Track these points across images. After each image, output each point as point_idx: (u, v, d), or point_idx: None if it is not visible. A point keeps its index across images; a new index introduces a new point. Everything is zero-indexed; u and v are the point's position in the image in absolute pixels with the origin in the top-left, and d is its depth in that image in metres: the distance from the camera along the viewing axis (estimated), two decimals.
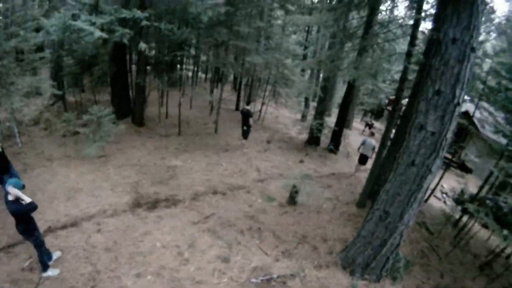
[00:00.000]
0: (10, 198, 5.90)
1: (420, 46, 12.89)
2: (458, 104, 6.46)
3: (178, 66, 22.59)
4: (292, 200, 11.09)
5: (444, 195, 15.63)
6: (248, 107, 15.12)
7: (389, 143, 11.58)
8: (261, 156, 15.12)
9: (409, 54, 10.22)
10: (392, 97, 20.15)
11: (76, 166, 11.26)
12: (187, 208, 9.78)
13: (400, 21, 13.62)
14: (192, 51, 17.77)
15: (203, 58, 23.30)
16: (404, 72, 10.61)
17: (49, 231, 7.70)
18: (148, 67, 16.51)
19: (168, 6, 14.26)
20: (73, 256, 7.14)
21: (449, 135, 6.64)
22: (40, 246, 6.47)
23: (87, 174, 10.85)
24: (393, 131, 12.13)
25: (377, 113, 35.11)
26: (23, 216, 6.06)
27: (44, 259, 6.57)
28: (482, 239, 11.85)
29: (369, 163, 13.58)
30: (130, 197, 9.88)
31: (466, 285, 9.07)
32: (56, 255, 6.98)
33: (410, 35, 10.47)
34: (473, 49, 6.25)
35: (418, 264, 9.34)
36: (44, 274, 6.58)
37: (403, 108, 12.35)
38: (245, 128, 15.27)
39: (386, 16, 17.33)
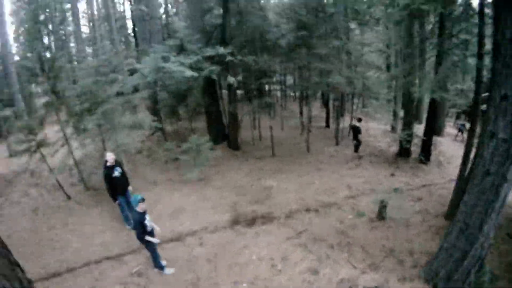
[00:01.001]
0: (138, 209, 7.58)
1: None
2: None
3: (267, 89, 24.38)
4: (381, 215, 11.47)
5: None
6: (357, 124, 16.91)
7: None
8: (352, 172, 15.68)
9: (480, 57, 10.29)
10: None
11: (179, 188, 13.01)
12: (281, 225, 10.74)
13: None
14: (277, 77, 19.21)
15: (290, 81, 24.73)
16: (478, 74, 10.61)
17: None
18: (239, 92, 18.32)
19: (246, 37, 16.09)
20: (177, 265, 8.54)
21: None
22: (153, 252, 8.03)
23: (189, 196, 12.50)
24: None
25: (470, 114, 32.47)
26: (141, 225, 7.60)
27: (158, 262, 8.15)
28: None
29: None
30: (230, 215, 11.17)
31: None
32: (163, 263, 8.45)
33: (477, 37, 10.49)
34: None
35: (506, 279, 9.04)
36: (164, 273, 8.24)
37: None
38: (355, 142, 17.19)
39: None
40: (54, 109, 12.31)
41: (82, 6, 37.51)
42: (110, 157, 10.08)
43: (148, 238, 7.69)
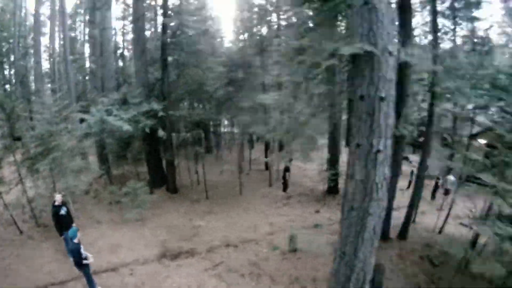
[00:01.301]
0: (75, 240, 9.79)
1: None
2: (379, 151, 7.65)
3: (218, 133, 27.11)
4: (291, 247, 13.73)
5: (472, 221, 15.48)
6: (287, 164, 20.21)
7: None
8: (278, 211, 18.27)
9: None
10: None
11: (120, 228, 15.24)
12: (202, 258, 13.06)
13: None
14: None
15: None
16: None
17: (94, 273, 11.18)
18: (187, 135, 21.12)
19: (187, 89, 19.09)
20: None
21: (380, 178, 7.84)
22: (89, 277, 10.22)
23: (128, 234, 14.71)
24: None
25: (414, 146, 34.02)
26: (78, 253, 9.84)
27: (93, 286, 10.33)
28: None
29: None
30: (158, 250, 13.39)
31: None
32: None
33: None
34: (382, 99, 7.42)
35: None
36: None
37: None
38: (282, 181, 20.29)
39: None
40: (11, 151, 14.46)
41: (45, 40, 38.56)
42: (58, 198, 12.46)
43: (85, 261, 9.94)
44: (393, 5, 8.21)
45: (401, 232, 15.37)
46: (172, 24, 19.71)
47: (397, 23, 12.24)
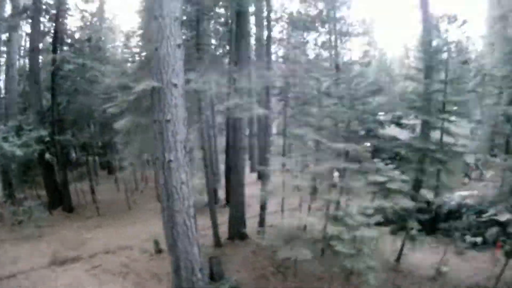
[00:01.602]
0: None
1: None
2: (170, 161, 9.78)
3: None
4: (156, 249, 17.41)
5: None
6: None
7: None
8: (159, 222, 20.16)
9: None
10: None
11: (20, 244, 18.73)
12: (85, 263, 16.75)
13: None
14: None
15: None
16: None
17: None
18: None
19: (76, 115, 23.06)
20: None
21: (177, 182, 9.98)
22: None
23: (27, 248, 18.20)
24: None
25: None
26: None
27: None
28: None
29: None
30: (50, 259, 16.86)
31: None
32: None
33: None
34: (168, 121, 9.45)
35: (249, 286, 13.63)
36: None
37: None
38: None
39: None
40: None
41: None
42: None
43: None
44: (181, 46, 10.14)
45: (259, 231, 17.84)
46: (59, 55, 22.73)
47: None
